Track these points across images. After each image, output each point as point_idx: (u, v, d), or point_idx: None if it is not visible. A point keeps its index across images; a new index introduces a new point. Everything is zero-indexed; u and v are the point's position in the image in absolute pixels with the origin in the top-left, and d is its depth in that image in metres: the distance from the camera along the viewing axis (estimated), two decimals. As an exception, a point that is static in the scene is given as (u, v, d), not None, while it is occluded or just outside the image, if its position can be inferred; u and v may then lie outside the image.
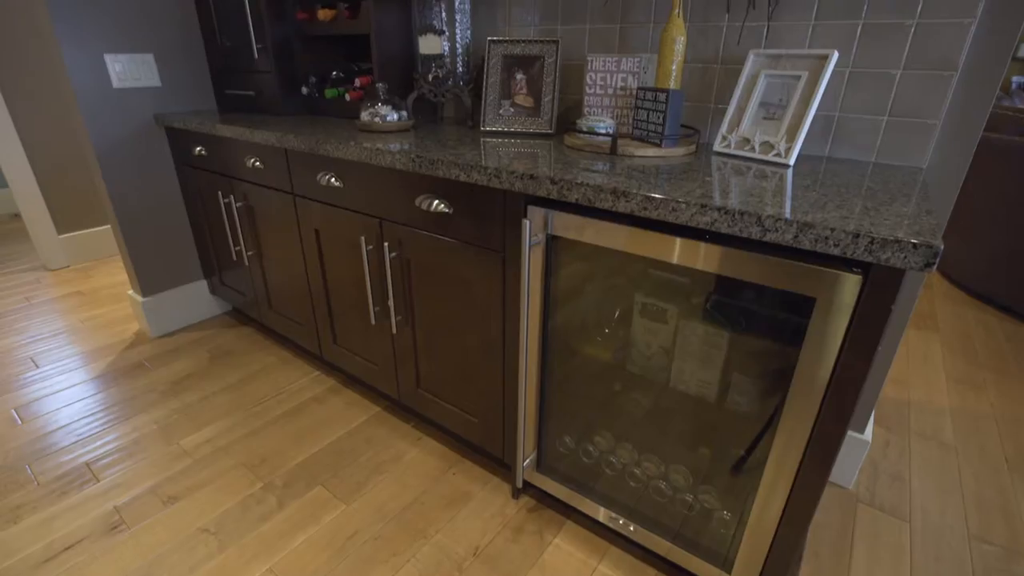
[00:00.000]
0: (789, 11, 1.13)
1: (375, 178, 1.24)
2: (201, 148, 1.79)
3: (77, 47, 1.68)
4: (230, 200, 1.76)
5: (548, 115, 1.34)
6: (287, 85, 1.74)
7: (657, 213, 0.79)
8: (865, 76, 1.10)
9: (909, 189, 0.88)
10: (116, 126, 1.81)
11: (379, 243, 1.31)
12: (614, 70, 1.22)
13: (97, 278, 2.68)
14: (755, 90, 1.13)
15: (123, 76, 1.79)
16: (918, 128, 1.07)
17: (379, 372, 1.54)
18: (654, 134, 1.12)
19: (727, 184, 0.88)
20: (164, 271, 2.07)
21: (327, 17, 1.58)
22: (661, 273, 0.92)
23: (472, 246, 1.11)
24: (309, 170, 1.41)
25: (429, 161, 1.06)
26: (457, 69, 1.44)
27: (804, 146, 1.20)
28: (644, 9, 1.30)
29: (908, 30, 1.03)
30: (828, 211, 0.73)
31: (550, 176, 0.89)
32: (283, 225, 1.61)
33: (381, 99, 1.38)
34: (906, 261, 0.63)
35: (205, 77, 1.99)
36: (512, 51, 1.36)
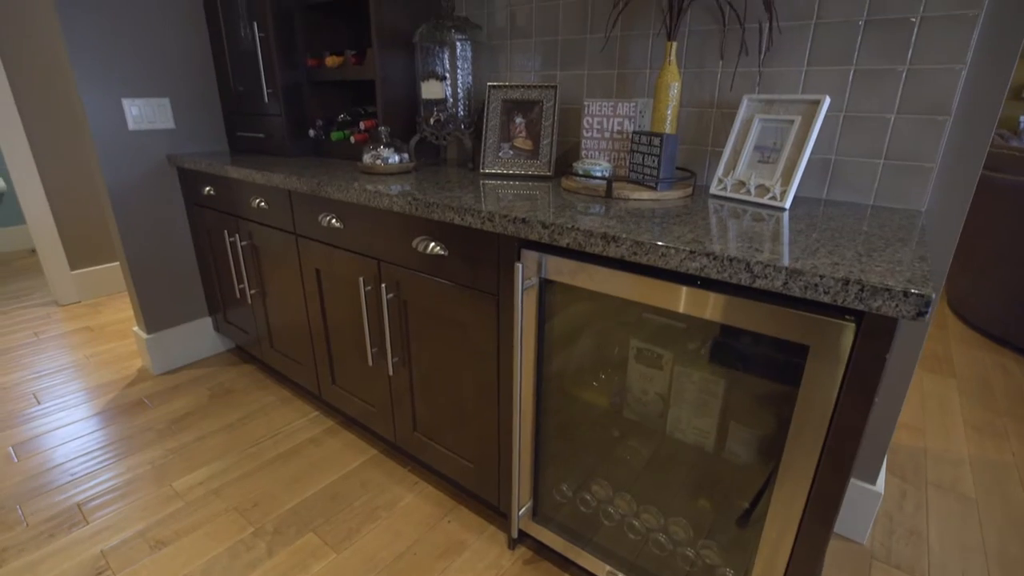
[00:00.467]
0: (782, 57, 1.15)
1: (374, 220, 1.26)
2: (210, 188, 1.83)
3: (96, 93, 1.75)
4: (236, 239, 1.79)
5: (547, 158, 1.36)
6: (295, 128, 1.79)
7: (647, 258, 0.79)
8: (860, 120, 1.10)
9: (905, 233, 0.87)
10: (130, 166, 1.87)
11: (377, 284, 1.31)
12: (610, 114, 1.24)
13: (106, 313, 2.72)
14: (750, 134, 1.14)
15: (139, 119, 1.86)
16: (915, 171, 1.07)
17: (376, 414, 1.52)
18: (650, 177, 1.12)
19: (720, 228, 0.87)
20: (170, 308, 2.09)
21: (335, 64, 1.64)
22: (656, 317, 0.91)
23: (467, 288, 1.11)
24: (311, 211, 1.43)
25: (425, 204, 1.07)
26: (459, 113, 1.47)
27: (802, 188, 1.20)
28: (640, 56, 1.33)
29: (900, 76, 1.04)
30: (819, 257, 0.72)
31: (542, 220, 0.89)
32: (285, 264, 1.63)
33: (383, 142, 1.41)
34: (897, 310, 0.61)
35: (218, 119, 2.06)
36: (511, 96, 1.40)
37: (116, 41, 1.76)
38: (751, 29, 1.17)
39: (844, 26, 1.08)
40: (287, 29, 1.70)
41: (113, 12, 1.74)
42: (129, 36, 1.78)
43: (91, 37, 1.70)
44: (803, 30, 1.12)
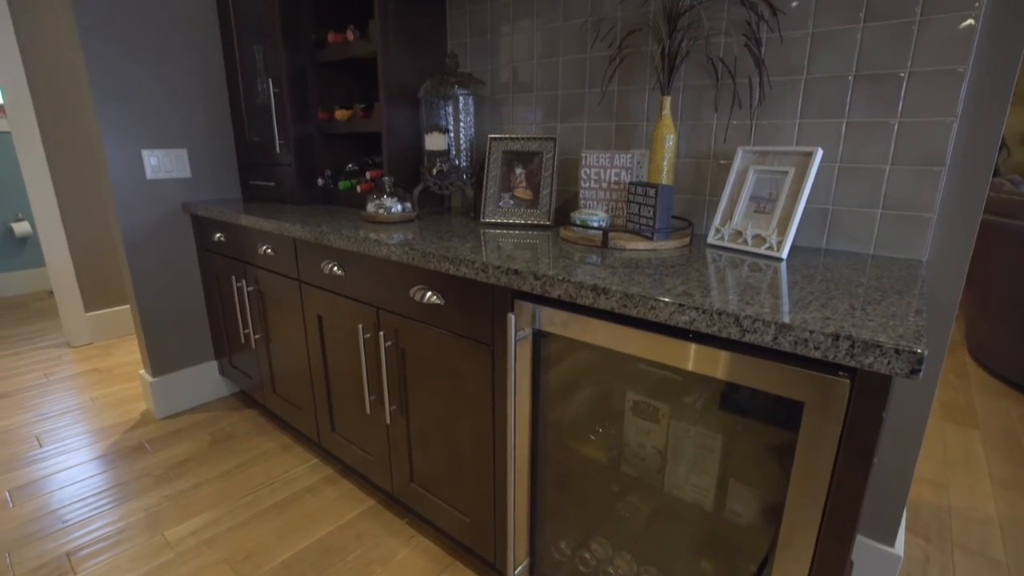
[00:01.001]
0: (775, 110, 1.18)
1: (373, 268, 1.28)
2: (221, 234, 1.88)
3: (118, 144, 1.83)
4: (243, 284, 1.82)
5: (546, 207, 1.38)
6: (305, 177, 1.85)
7: (636, 311, 0.78)
8: (855, 171, 1.11)
9: (903, 285, 0.86)
10: (145, 214, 1.93)
11: (376, 332, 1.32)
12: (608, 165, 1.26)
13: (116, 355, 2.75)
14: (745, 184, 1.15)
15: (157, 168, 1.94)
16: (913, 221, 1.06)
17: (374, 463, 1.50)
18: (646, 227, 1.13)
19: (713, 280, 0.87)
20: (177, 351, 2.11)
21: (344, 117, 1.71)
22: (652, 369, 0.90)
23: (463, 338, 1.11)
24: (314, 258, 1.46)
25: (422, 254, 1.09)
26: (460, 163, 1.51)
27: (801, 238, 1.19)
28: (637, 109, 1.37)
29: (892, 128, 1.06)
30: (811, 311, 0.71)
31: (533, 272, 0.90)
32: (289, 310, 1.65)
33: (387, 192, 1.45)
34: (890, 367, 0.60)
35: (233, 168, 2.14)
36: (512, 147, 1.43)
37: (140, 95, 1.86)
38: (744, 84, 1.20)
39: (834, 80, 1.10)
40: (301, 85, 1.78)
41: (140, 69, 1.84)
42: (153, 91, 1.88)
43: (117, 92, 1.80)
44: (794, 84, 1.15)
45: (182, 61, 1.94)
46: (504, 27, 1.57)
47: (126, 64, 1.81)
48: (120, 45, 1.79)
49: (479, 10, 1.62)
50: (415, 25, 1.59)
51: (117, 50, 1.78)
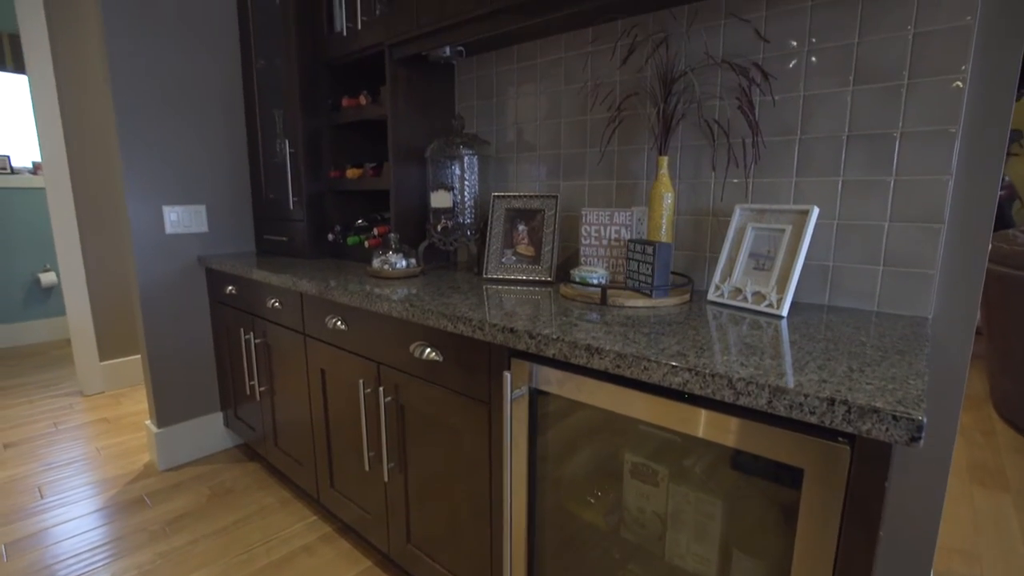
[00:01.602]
0: (771, 169, 1.20)
1: (375, 324, 1.29)
2: (232, 287, 1.93)
3: (141, 201, 1.92)
4: (250, 336, 1.84)
5: (547, 264, 1.40)
6: (315, 232, 1.91)
7: (630, 371, 0.78)
8: (854, 228, 1.11)
9: (905, 344, 0.84)
10: (162, 266, 1.99)
11: (376, 387, 1.32)
12: (607, 223, 1.28)
13: (126, 405, 2.76)
14: (744, 242, 1.15)
15: (176, 223, 2.01)
16: (916, 277, 1.06)
17: (371, 522, 1.46)
18: (645, 284, 1.14)
19: (710, 339, 0.86)
20: (183, 402, 2.11)
21: (355, 175, 1.78)
22: (652, 430, 0.88)
23: (461, 396, 1.10)
24: (319, 312, 1.48)
25: (421, 310, 1.10)
26: (465, 220, 1.55)
27: (804, 294, 1.19)
28: (637, 167, 1.40)
29: (888, 186, 1.07)
30: (807, 372, 0.70)
31: (528, 330, 0.90)
32: (294, 363, 1.66)
33: (393, 248, 1.48)
34: (889, 434, 0.58)
35: (248, 223, 2.22)
36: (514, 205, 1.47)
37: (165, 155, 1.96)
38: (739, 144, 1.23)
39: (828, 140, 1.12)
40: (315, 145, 1.87)
41: (167, 131, 1.95)
42: (178, 151, 1.99)
43: (143, 152, 1.90)
44: (789, 144, 1.17)
45: (208, 124, 2.05)
46: (509, 90, 1.65)
47: (154, 127, 1.92)
48: (150, 111, 1.90)
49: (485, 75, 1.70)
50: (424, 90, 1.68)
51: (147, 115, 1.90)
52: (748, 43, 1.19)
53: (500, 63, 1.65)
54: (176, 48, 1.95)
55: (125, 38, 1.83)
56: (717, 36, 1.23)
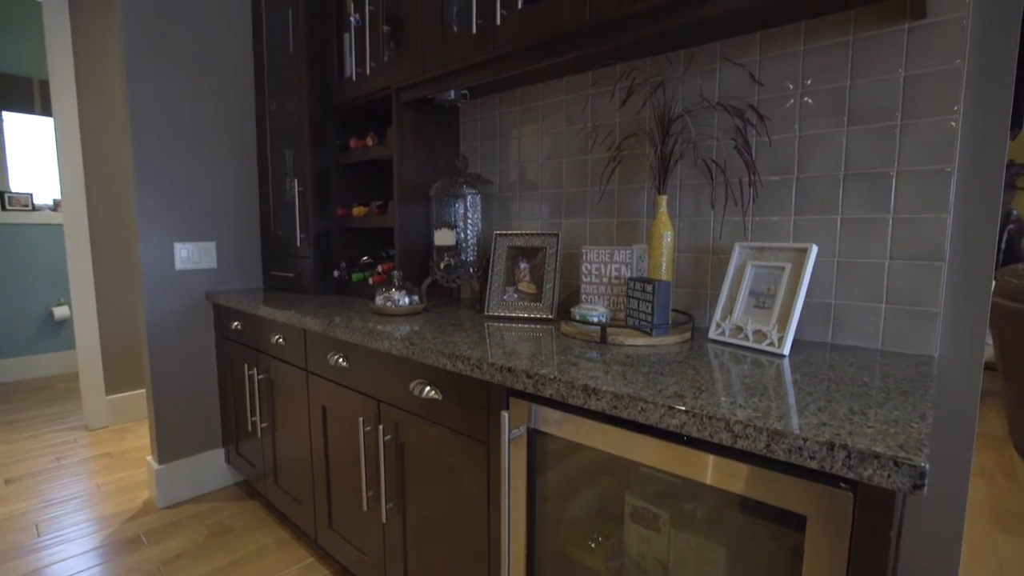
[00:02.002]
0: (770, 207, 1.21)
1: (376, 361, 1.29)
2: (238, 323, 1.94)
3: (153, 238, 1.96)
4: (254, 372, 1.85)
5: (549, 301, 1.40)
6: (321, 269, 1.93)
7: (627, 412, 0.77)
8: (854, 265, 1.11)
9: (909, 384, 0.83)
10: (171, 302, 2.02)
11: (376, 425, 1.31)
12: (607, 260, 1.29)
13: (130, 439, 2.75)
14: (744, 280, 1.15)
15: (186, 260, 2.05)
16: (919, 316, 1.05)
17: (369, 564, 1.42)
18: (645, 323, 1.13)
19: (709, 379, 0.85)
20: (186, 438, 2.10)
21: (360, 213, 1.81)
22: (651, 472, 0.86)
23: (459, 435, 1.09)
24: (322, 349, 1.49)
25: (421, 349, 1.10)
26: (467, 258, 1.57)
27: (807, 332, 1.18)
28: (637, 206, 1.42)
29: (887, 223, 1.07)
30: (807, 415, 0.68)
31: (526, 370, 0.90)
32: (296, 400, 1.65)
33: (395, 285, 1.50)
34: (891, 480, 0.56)
35: (256, 259, 2.25)
36: (516, 243, 1.49)
37: (180, 194, 2.01)
38: (738, 183, 1.24)
39: (825, 179, 1.14)
40: (323, 184, 1.92)
41: (182, 171, 2.01)
42: (192, 190, 2.04)
43: (159, 191, 1.96)
44: (786, 183, 1.18)
45: (221, 164, 2.12)
46: (512, 131, 1.69)
47: (170, 166, 1.98)
48: (166, 151, 1.97)
49: (489, 117, 1.75)
50: (429, 130, 1.73)
51: (163, 155, 1.96)
52: (743, 85, 1.22)
53: (503, 105, 1.70)
54: (194, 92, 2.03)
55: (146, 83, 1.91)
56: (713, 79, 1.27)
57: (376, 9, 1.67)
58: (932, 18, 1.00)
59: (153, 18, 1.92)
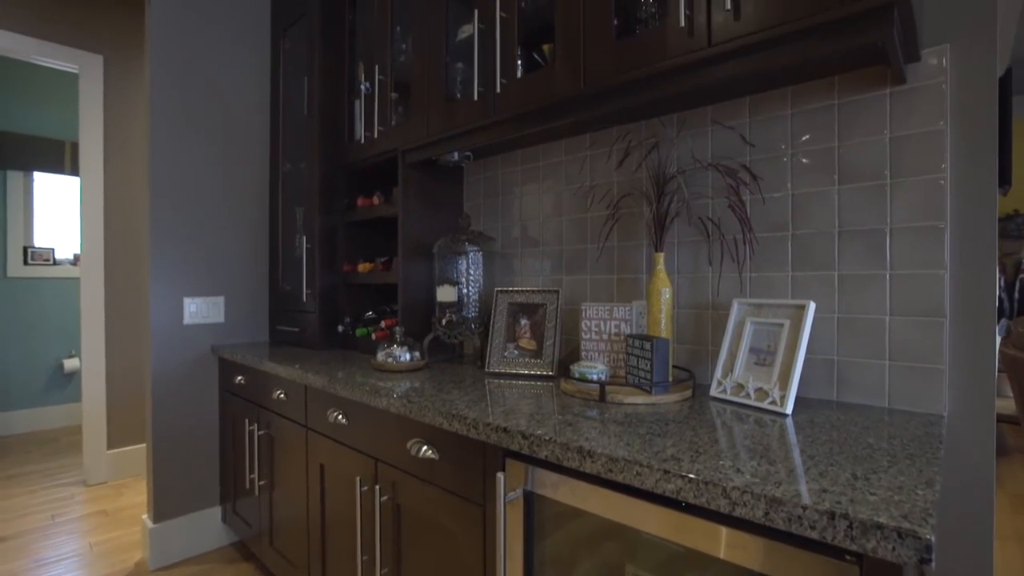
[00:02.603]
0: (767, 263, 1.22)
1: (375, 419, 1.28)
2: (242, 378, 1.95)
3: (164, 292, 2.00)
4: (255, 427, 1.83)
5: (549, 358, 1.40)
6: (326, 324, 1.95)
7: (622, 476, 0.75)
8: (855, 321, 1.10)
9: (916, 447, 0.80)
10: (177, 356, 2.04)
11: (373, 485, 1.28)
12: (607, 317, 1.30)
13: (127, 496, 2.70)
14: (743, 336, 1.15)
15: (195, 315, 2.08)
16: (924, 373, 1.03)
17: (363, 635, 1.35)
18: (644, 381, 1.12)
19: (707, 441, 0.84)
20: (183, 496, 2.06)
21: (366, 270, 1.85)
22: (653, 539, 0.83)
23: (456, 496, 1.06)
24: (322, 405, 1.48)
25: (418, 407, 1.09)
26: (469, 314, 1.58)
27: (811, 390, 1.16)
28: (636, 262, 1.43)
29: (884, 279, 1.07)
30: (808, 480, 0.66)
31: (521, 431, 0.89)
32: (295, 457, 1.63)
33: (397, 341, 1.50)
34: (896, 554, 0.54)
35: (264, 314, 2.28)
36: (517, 299, 1.50)
37: (192, 250, 2.07)
38: (735, 240, 1.26)
39: (820, 236, 1.15)
40: (331, 241, 1.97)
41: (195, 228, 2.08)
42: (204, 246, 2.10)
43: (172, 247, 2.02)
44: (782, 240, 1.20)
45: (234, 221, 2.19)
46: (514, 190, 1.74)
47: (185, 223, 2.05)
48: (183, 208, 2.05)
49: (492, 176, 1.81)
50: (434, 190, 1.79)
51: (179, 212, 2.04)
52: (735, 146, 1.26)
53: (505, 165, 1.76)
54: (213, 154, 2.13)
55: (167, 145, 2.01)
56: (705, 140, 1.31)
57: (385, 78, 1.76)
58: (912, 84, 1.04)
59: (179, 87, 2.05)
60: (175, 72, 2.04)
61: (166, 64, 2.02)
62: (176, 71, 2.05)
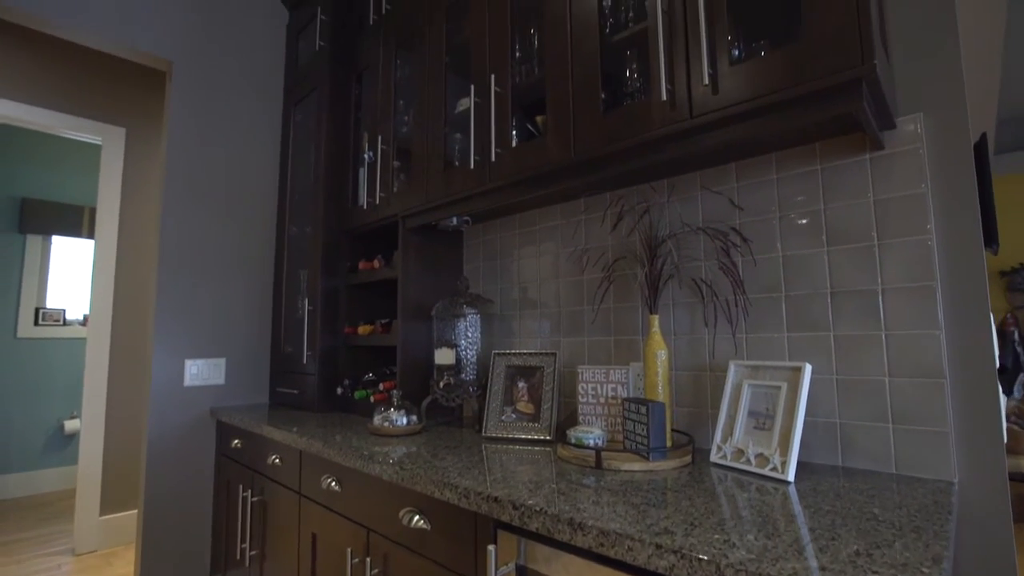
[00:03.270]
0: (763, 324, 1.21)
1: (368, 486, 1.25)
2: (238, 441, 1.92)
3: (166, 354, 2.02)
4: (248, 493, 1.79)
5: (547, 422, 1.38)
6: (325, 386, 1.94)
7: (614, 552, 0.72)
8: (854, 383, 1.09)
9: (924, 518, 0.77)
10: (175, 418, 2.02)
11: (364, 557, 1.23)
12: (603, 380, 1.29)
13: (116, 566, 2.60)
14: (742, 399, 1.13)
15: (195, 376, 2.08)
16: (929, 436, 1.00)
17: None
18: (641, 446, 1.10)
19: (704, 512, 0.81)
20: (172, 567, 1.99)
21: (366, 332, 1.86)
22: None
23: (447, 571, 1.02)
24: (316, 471, 1.45)
25: (411, 474, 1.07)
26: (467, 376, 1.57)
27: (815, 454, 1.12)
28: (633, 324, 1.44)
29: (880, 340, 1.06)
30: (806, 557, 0.64)
31: (512, 500, 0.87)
32: (287, 526, 1.58)
33: (394, 404, 1.49)
34: (898, 643, 0.51)
35: (264, 375, 2.28)
36: (514, 362, 1.50)
37: (196, 312, 2.10)
38: (729, 301, 1.27)
39: (813, 297, 1.15)
40: (333, 303, 1.99)
41: (200, 291, 2.12)
42: (208, 309, 2.13)
43: (177, 307, 2.05)
44: (775, 301, 1.20)
45: (240, 283, 2.23)
46: (513, 253, 1.78)
47: (191, 285, 2.10)
48: (190, 270, 2.10)
49: (491, 240, 1.85)
50: (433, 253, 1.83)
51: (186, 274, 2.09)
52: (725, 209, 1.29)
53: (503, 229, 1.81)
54: (222, 219, 2.21)
55: (179, 211, 2.09)
56: (696, 204, 1.35)
57: (388, 148, 1.85)
58: (890, 149, 1.08)
59: (192, 158, 2.15)
60: (190, 144, 2.15)
61: (182, 137, 2.13)
62: (191, 144, 2.16)
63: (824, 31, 0.91)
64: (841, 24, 0.89)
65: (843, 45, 0.88)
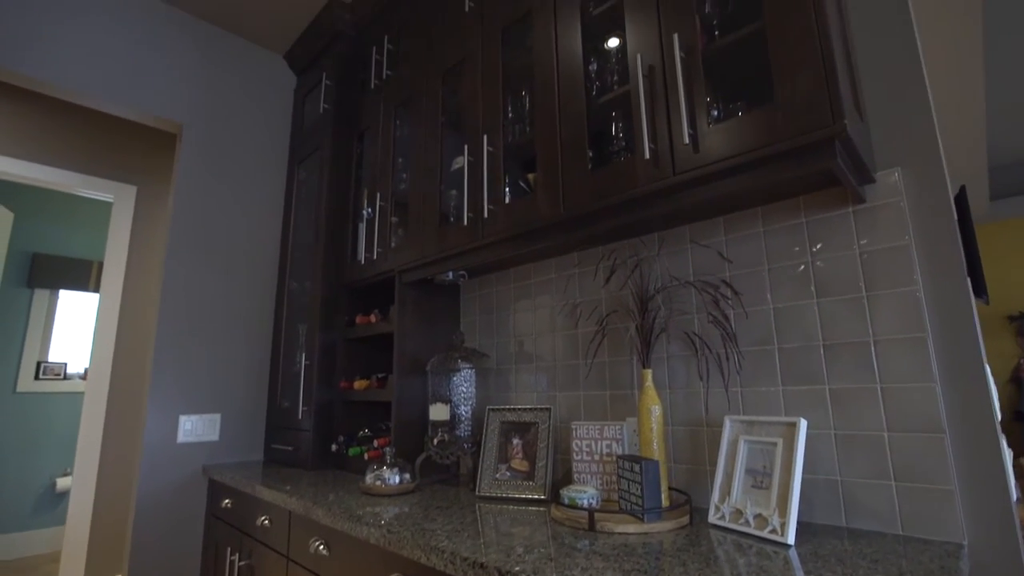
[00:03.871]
0: (757, 378, 1.20)
1: (355, 550, 1.21)
2: (228, 500, 1.87)
3: (161, 410, 2.00)
4: (236, 557, 1.73)
5: (542, 480, 1.34)
6: (320, 443, 1.91)
7: (601, 626, 0.69)
8: (853, 439, 1.06)
9: (928, 588, 0.74)
10: (166, 476, 1.98)
11: (350, 627, 1.18)
12: (598, 436, 1.26)
13: (99, 639, 2.47)
14: (738, 456, 1.10)
15: (189, 432, 2.06)
16: (934, 494, 0.96)
17: None
18: (636, 507, 1.06)
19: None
20: (155, 639, 1.89)
21: (362, 387, 1.85)
22: None
23: (434, 644, 0.97)
24: (305, 533, 1.41)
25: (398, 538, 1.04)
26: (462, 433, 1.55)
27: (818, 514, 1.08)
28: (627, 378, 1.42)
29: (876, 393, 1.05)
30: (802, 633, 0.60)
31: (498, 567, 0.83)
32: (275, 592, 1.52)
33: (387, 462, 1.46)
34: None
35: (260, 431, 2.25)
36: (508, 418, 1.47)
37: (194, 366, 2.10)
38: (722, 354, 1.26)
39: (806, 349, 1.14)
40: (329, 357, 1.99)
41: (198, 346, 2.12)
42: (205, 364, 2.13)
43: (173, 363, 2.05)
44: (768, 353, 1.19)
45: (238, 338, 2.24)
46: (508, 307, 1.78)
47: (190, 342, 2.10)
48: (189, 325, 2.11)
49: (487, 294, 1.87)
50: (430, 307, 1.84)
51: (185, 329, 2.10)
52: (714, 262, 1.30)
53: (499, 283, 1.82)
54: (224, 276, 2.24)
55: (181, 268, 2.13)
56: (686, 257, 1.36)
57: (386, 204, 1.90)
58: (872, 203, 1.10)
59: (197, 216, 2.21)
60: (196, 202, 2.22)
61: (188, 196, 2.20)
62: (197, 201, 2.22)
63: (796, 94, 0.95)
64: (812, 88, 0.93)
65: (814, 107, 0.92)
